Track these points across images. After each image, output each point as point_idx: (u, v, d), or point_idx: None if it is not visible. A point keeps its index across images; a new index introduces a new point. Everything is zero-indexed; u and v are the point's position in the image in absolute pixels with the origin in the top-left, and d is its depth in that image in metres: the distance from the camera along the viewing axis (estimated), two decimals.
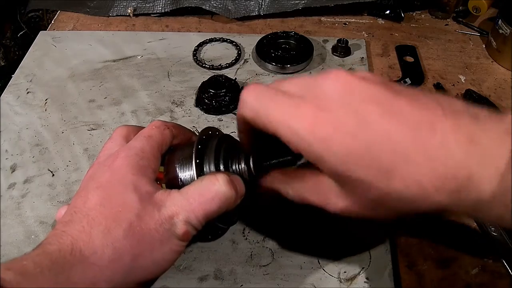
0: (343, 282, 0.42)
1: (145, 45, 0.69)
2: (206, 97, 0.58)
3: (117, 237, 0.32)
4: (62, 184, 0.51)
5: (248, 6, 0.75)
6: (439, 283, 0.42)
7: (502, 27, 0.64)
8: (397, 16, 0.74)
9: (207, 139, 0.40)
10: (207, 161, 0.38)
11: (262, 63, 0.65)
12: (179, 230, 0.34)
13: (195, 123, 0.58)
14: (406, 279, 0.43)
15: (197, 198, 0.34)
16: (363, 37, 0.72)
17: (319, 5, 0.73)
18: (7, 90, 0.63)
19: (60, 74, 0.65)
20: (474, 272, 0.43)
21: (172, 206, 0.34)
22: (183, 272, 0.43)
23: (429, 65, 0.66)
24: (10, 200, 0.49)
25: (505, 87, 0.63)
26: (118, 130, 0.40)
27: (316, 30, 0.73)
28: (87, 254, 0.31)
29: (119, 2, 0.77)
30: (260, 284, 0.42)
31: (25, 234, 0.46)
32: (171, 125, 0.40)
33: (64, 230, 0.32)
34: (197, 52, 0.68)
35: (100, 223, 0.32)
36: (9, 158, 0.54)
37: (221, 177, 0.35)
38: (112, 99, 0.61)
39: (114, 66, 0.66)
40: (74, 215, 0.33)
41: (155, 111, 0.59)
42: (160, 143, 0.38)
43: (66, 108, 0.60)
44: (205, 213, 0.34)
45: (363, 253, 0.44)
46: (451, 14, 0.76)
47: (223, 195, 0.34)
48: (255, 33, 0.72)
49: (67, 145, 0.55)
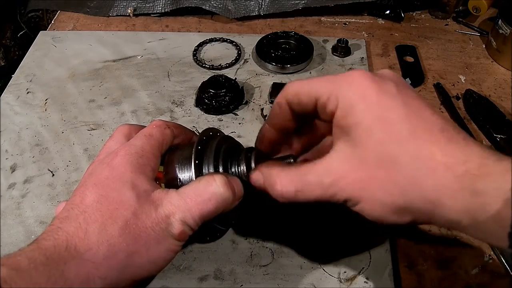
0: (343, 282, 0.42)
1: (145, 45, 0.69)
2: (206, 97, 0.58)
3: (113, 234, 0.32)
4: (62, 184, 0.51)
5: (248, 6, 0.75)
6: (439, 283, 0.42)
7: (502, 27, 0.64)
8: (397, 16, 0.74)
9: (207, 140, 0.39)
10: (206, 162, 0.38)
11: (262, 63, 0.65)
12: (175, 229, 0.34)
13: (195, 123, 0.58)
14: (406, 279, 0.43)
15: (194, 198, 0.34)
16: (363, 37, 0.72)
17: (319, 5, 0.73)
18: (7, 90, 0.63)
19: (60, 74, 0.65)
20: (474, 272, 0.43)
21: (169, 205, 0.34)
22: (183, 272, 0.43)
23: (429, 65, 0.66)
24: (10, 200, 0.49)
25: (505, 87, 0.63)
26: (119, 129, 0.40)
27: (316, 30, 0.73)
28: (82, 251, 0.31)
29: (119, 2, 0.77)
30: (260, 284, 0.42)
31: (25, 234, 0.46)
32: (172, 124, 0.41)
33: (60, 226, 0.32)
34: (197, 52, 0.68)
35: (96, 220, 0.32)
36: (9, 158, 0.54)
37: (219, 178, 0.35)
38: (112, 99, 0.61)
39: (114, 66, 0.66)
40: (71, 211, 0.33)
41: (155, 111, 0.59)
42: (161, 142, 0.38)
43: (66, 108, 0.60)
44: (201, 213, 0.34)
45: (363, 253, 0.44)
46: (451, 14, 0.76)
47: (220, 196, 0.34)
48: (255, 33, 0.72)
49: (67, 145, 0.55)
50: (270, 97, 0.60)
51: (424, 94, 0.62)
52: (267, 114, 0.58)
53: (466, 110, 0.59)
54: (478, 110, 0.58)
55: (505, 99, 0.61)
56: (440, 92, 0.61)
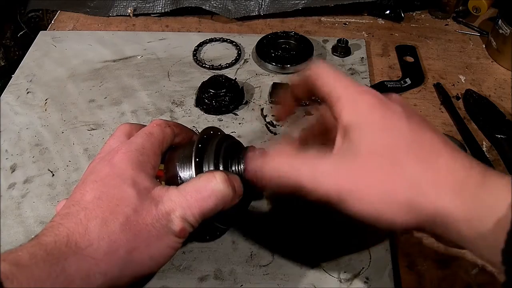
0: (343, 282, 0.42)
1: (145, 45, 0.69)
2: (206, 97, 0.58)
3: (114, 231, 0.32)
4: (62, 184, 0.51)
5: (248, 6, 0.75)
6: (439, 283, 0.42)
7: (502, 27, 0.64)
8: (397, 16, 0.74)
9: (208, 139, 0.40)
10: (206, 161, 0.38)
11: (262, 63, 0.65)
12: (176, 226, 0.34)
13: (195, 123, 0.58)
14: (406, 279, 0.42)
15: (194, 195, 0.34)
16: (363, 37, 0.72)
17: (319, 5, 0.73)
18: (7, 90, 0.63)
19: (60, 74, 0.65)
20: (474, 272, 0.43)
21: (169, 202, 0.34)
22: (183, 272, 0.43)
23: (429, 65, 0.66)
24: (10, 200, 0.49)
25: (505, 87, 0.63)
26: (120, 127, 0.41)
27: (316, 30, 0.73)
28: (82, 246, 0.31)
29: (119, 2, 0.77)
30: (260, 284, 0.42)
31: (25, 234, 0.46)
32: (172, 123, 0.41)
33: (60, 223, 0.32)
34: (197, 52, 0.68)
35: (97, 216, 0.32)
36: (9, 158, 0.54)
37: (219, 175, 0.35)
38: (112, 99, 0.61)
39: (114, 66, 0.66)
40: (72, 208, 0.33)
41: (155, 111, 0.59)
42: (161, 140, 0.38)
43: (66, 108, 0.60)
44: (201, 210, 0.34)
45: (363, 253, 0.44)
46: (451, 14, 0.76)
47: (220, 193, 0.35)
48: (255, 33, 0.72)
49: (67, 145, 0.55)
50: (270, 97, 0.60)
51: (424, 94, 0.62)
52: (267, 114, 0.58)
53: (466, 110, 0.59)
54: (478, 110, 0.58)
55: (505, 99, 0.61)
56: (440, 92, 0.61)
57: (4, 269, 0.28)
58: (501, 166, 0.52)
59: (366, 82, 0.63)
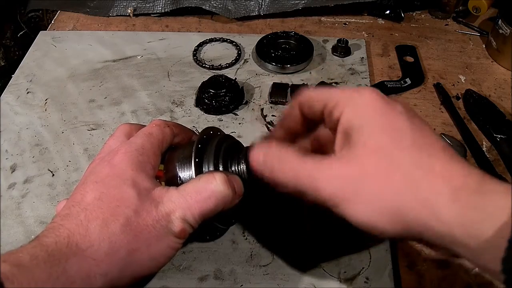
0: (343, 282, 0.42)
1: (145, 45, 0.69)
2: (206, 97, 0.58)
3: (114, 231, 0.32)
4: (62, 184, 0.51)
5: (248, 6, 0.75)
6: (439, 283, 0.42)
7: (502, 27, 0.64)
8: (397, 16, 0.74)
9: (208, 139, 0.40)
10: (206, 161, 0.38)
11: (262, 63, 0.65)
12: (176, 227, 0.34)
13: (195, 123, 0.58)
14: (406, 279, 0.42)
15: (194, 196, 0.34)
16: (363, 37, 0.72)
17: (319, 5, 0.73)
18: (7, 90, 0.63)
19: (60, 74, 0.65)
20: (474, 272, 0.43)
21: (169, 203, 0.34)
22: (183, 272, 0.43)
23: (429, 65, 0.66)
24: (10, 200, 0.49)
25: (505, 87, 0.63)
26: (120, 128, 0.41)
27: (316, 30, 0.73)
28: (83, 247, 0.31)
29: (119, 2, 0.77)
30: (260, 284, 0.42)
31: (25, 234, 0.46)
32: (171, 123, 0.41)
33: (61, 224, 0.32)
34: (197, 52, 0.68)
35: (98, 217, 0.32)
36: (9, 158, 0.54)
37: (219, 176, 0.35)
38: (112, 99, 0.61)
39: (114, 66, 0.66)
40: (72, 209, 0.33)
41: (155, 111, 0.59)
42: (161, 140, 0.39)
43: (66, 108, 0.60)
44: (201, 211, 0.34)
45: (363, 253, 0.44)
46: (451, 14, 0.76)
47: (220, 194, 0.35)
48: (255, 33, 0.72)
49: (67, 145, 0.55)
50: (270, 97, 0.60)
51: (424, 94, 0.62)
52: (267, 114, 0.58)
53: (466, 110, 0.59)
54: (478, 110, 0.58)
55: (505, 99, 0.61)
56: (440, 92, 0.61)
57: (5, 270, 0.28)
58: (501, 166, 0.52)
59: (366, 82, 0.63)
